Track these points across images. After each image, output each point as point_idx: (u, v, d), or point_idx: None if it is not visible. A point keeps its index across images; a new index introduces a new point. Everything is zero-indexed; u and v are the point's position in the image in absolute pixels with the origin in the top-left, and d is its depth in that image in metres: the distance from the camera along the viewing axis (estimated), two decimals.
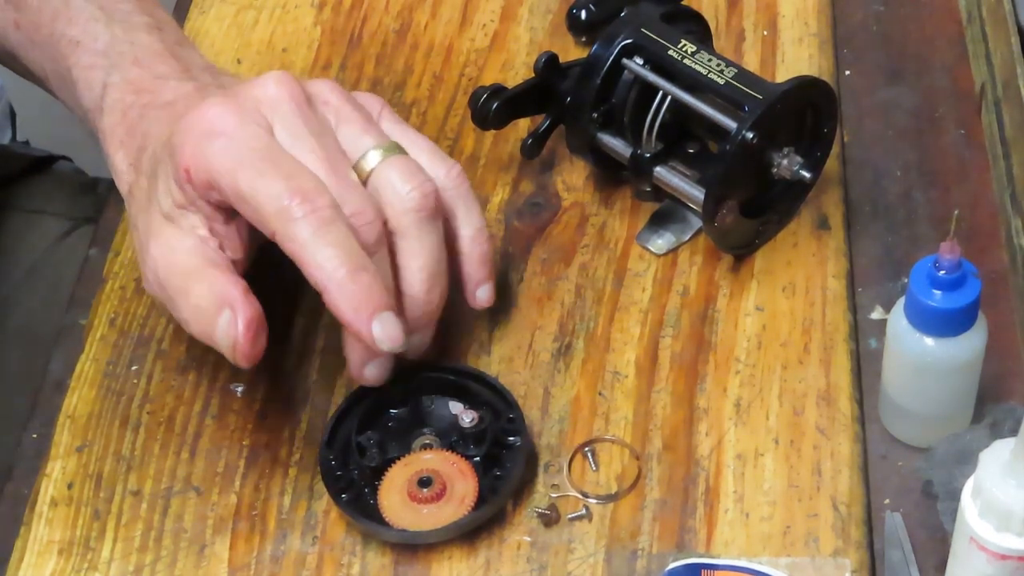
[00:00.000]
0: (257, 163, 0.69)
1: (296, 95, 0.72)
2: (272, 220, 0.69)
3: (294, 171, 0.69)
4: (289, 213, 0.68)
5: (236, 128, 0.70)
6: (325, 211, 0.68)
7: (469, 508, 0.71)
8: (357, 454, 0.73)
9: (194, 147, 0.70)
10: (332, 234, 0.68)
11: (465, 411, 0.74)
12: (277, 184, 0.69)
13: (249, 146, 0.70)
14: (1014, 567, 0.62)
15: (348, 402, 0.76)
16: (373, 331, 0.68)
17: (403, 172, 0.72)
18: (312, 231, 0.68)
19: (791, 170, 0.80)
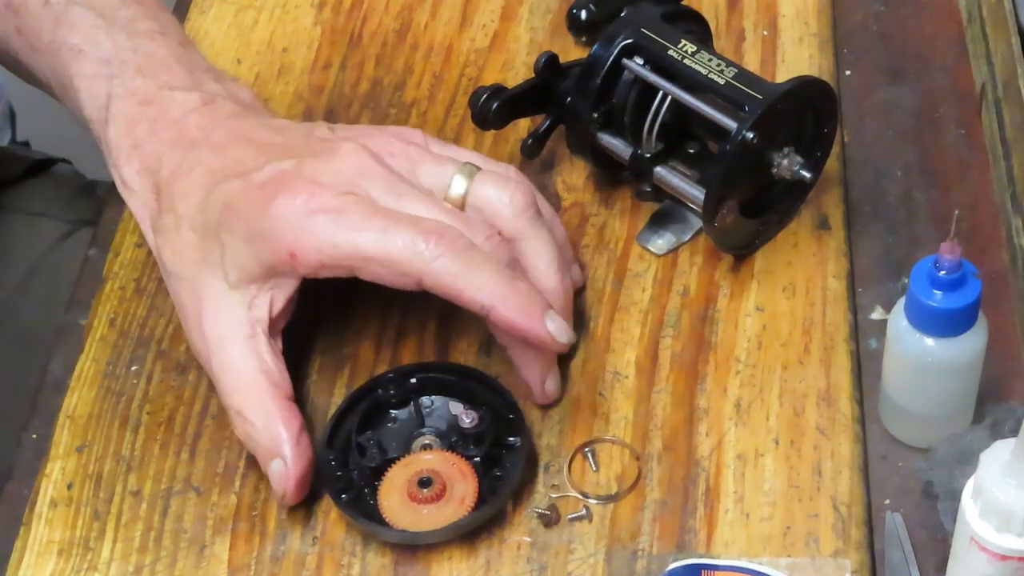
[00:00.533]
0: (373, 224, 0.70)
1: (375, 158, 0.73)
2: (414, 267, 0.70)
3: (412, 219, 0.71)
4: (430, 254, 0.69)
5: (334, 201, 0.71)
6: (460, 241, 0.70)
7: (469, 508, 0.71)
8: (357, 454, 0.73)
9: (297, 231, 0.70)
10: (476, 258, 0.70)
11: (465, 411, 0.74)
12: (405, 234, 0.70)
13: (356, 212, 0.71)
14: (1014, 567, 0.62)
15: (348, 402, 0.76)
16: (549, 328, 0.70)
17: (495, 183, 0.75)
18: (459, 262, 0.70)
19: (791, 170, 0.80)
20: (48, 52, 0.81)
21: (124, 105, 0.77)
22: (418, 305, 0.82)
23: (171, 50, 0.80)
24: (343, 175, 0.72)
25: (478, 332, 0.81)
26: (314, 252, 0.70)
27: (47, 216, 1.03)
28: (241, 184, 0.72)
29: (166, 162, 0.75)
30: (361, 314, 0.82)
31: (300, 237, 0.70)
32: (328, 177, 0.72)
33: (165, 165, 0.75)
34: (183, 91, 0.77)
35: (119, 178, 0.77)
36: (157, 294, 0.84)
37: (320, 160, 0.73)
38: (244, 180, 0.72)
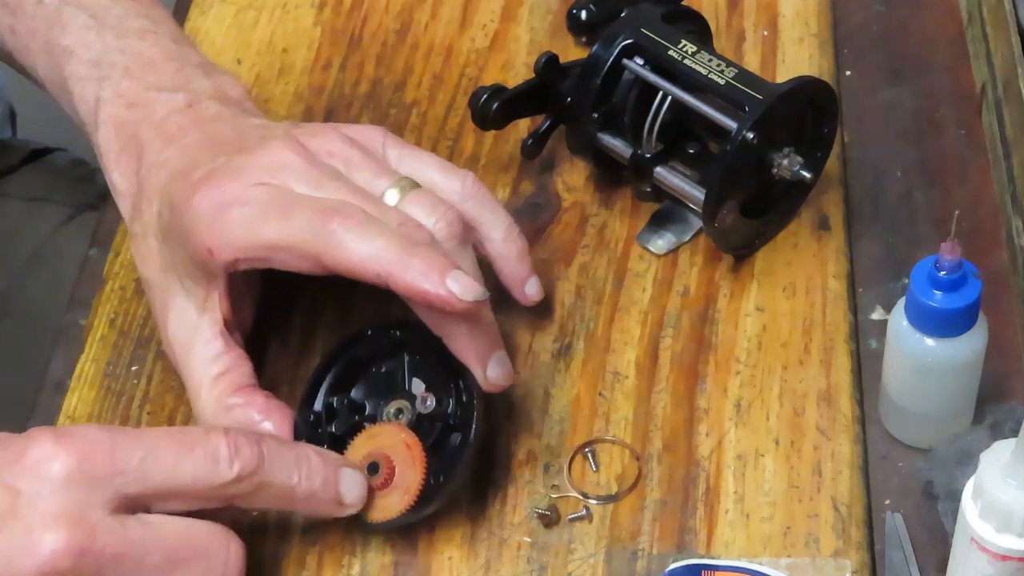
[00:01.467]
0: (277, 211, 0.69)
1: (301, 153, 0.72)
2: (311, 247, 0.68)
3: (315, 200, 0.70)
4: (327, 232, 0.68)
5: (244, 191, 0.70)
6: (359, 215, 0.69)
7: (411, 501, 0.69)
8: (325, 418, 0.73)
9: (208, 226, 0.70)
10: (375, 228, 0.68)
11: (425, 393, 0.72)
12: (303, 216, 0.69)
13: (263, 201, 0.70)
14: (1015, 568, 0.62)
15: (327, 360, 0.75)
16: (450, 287, 0.68)
17: (424, 206, 0.72)
18: (354, 233, 0.68)
19: (791, 170, 0.80)
20: (43, 52, 0.81)
21: (112, 109, 0.77)
22: None
23: (161, 48, 0.79)
24: (263, 167, 0.71)
25: None
26: (226, 246, 0.70)
27: (49, 201, 1.04)
28: (181, 184, 0.72)
29: (143, 163, 0.75)
30: (361, 314, 0.82)
31: (212, 231, 0.70)
32: (247, 171, 0.71)
33: (142, 166, 0.75)
34: (169, 92, 0.77)
35: (110, 182, 0.78)
36: None
37: (247, 155, 0.72)
38: (184, 179, 0.72)
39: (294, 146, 0.72)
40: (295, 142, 0.73)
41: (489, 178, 0.89)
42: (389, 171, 0.74)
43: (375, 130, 0.77)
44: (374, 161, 0.74)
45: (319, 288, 0.84)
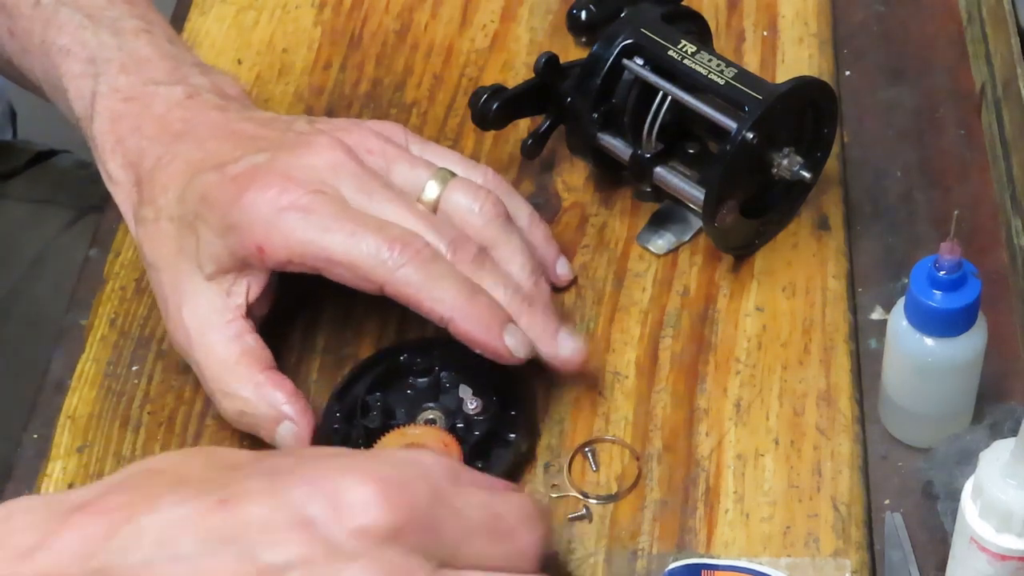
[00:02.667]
0: (341, 226, 0.70)
1: (349, 153, 0.73)
2: (377, 274, 0.70)
3: (380, 224, 0.71)
4: (394, 263, 0.70)
5: (305, 199, 0.71)
6: (426, 251, 0.71)
7: None
8: (360, 412, 0.74)
9: (266, 226, 0.71)
10: (440, 269, 0.71)
11: (472, 397, 0.75)
12: (370, 240, 0.70)
13: (325, 212, 0.71)
14: (1014, 567, 0.62)
15: (368, 361, 0.77)
16: (507, 343, 0.71)
17: (466, 192, 0.75)
18: (422, 273, 0.70)
19: (791, 170, 0.80)
20: (39, 53, 0.81)
21: (108, 102, 0.78)
22: None
23: (156, 47, 0.80)
24: (316, 170, 0.72)
25: None
26: (282, 248, 0.71)
27: (53, 203, 1.04)
28: (216, 176, 0.73)
29: (148, 155, 0.76)
30: (361, 314, 0.82)
31: (269, 233, 0.71)
32: (301, 172, 0.72)
33: (147, 158, 0.76)
34: (167, 86, 0.78)
35: (105, 173, 0.78)
36: None
37: (294, 154, 0.73)
38: (219, 172, 0.73)
39: (340, 145, 0.73)
40: (339, 141, 0.74)
41: None
42: (424, 163, 0.76)
43: (395, 126, 0.79)
44: (409, 155, 0.76)
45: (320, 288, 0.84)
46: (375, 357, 0.78)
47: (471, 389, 0.76)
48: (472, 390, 0.75)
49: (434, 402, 0.76)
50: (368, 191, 0.73)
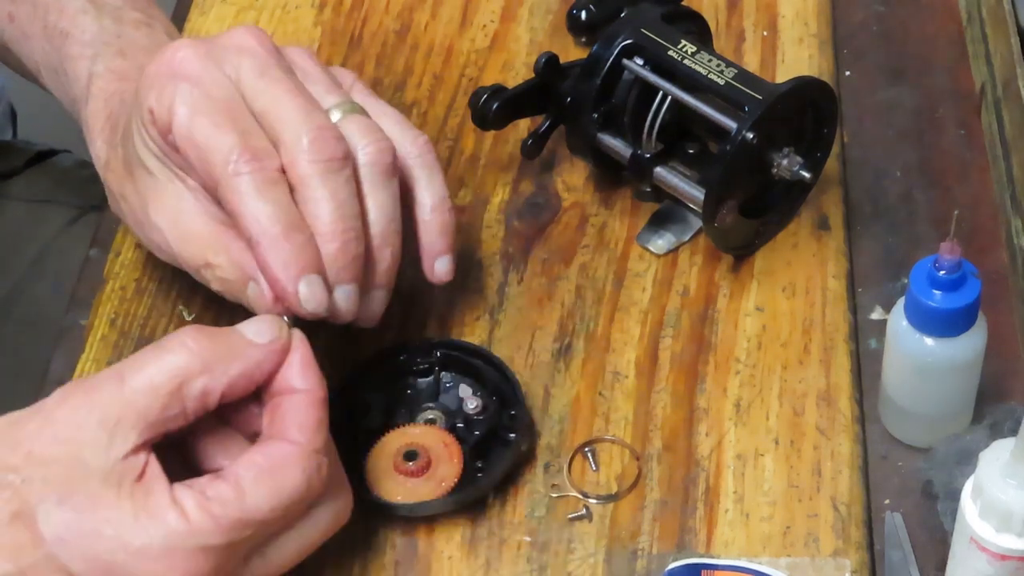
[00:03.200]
0: (216, 113, 0.70)
1: (268, 45, 0.73)
2: (217, 170, 0.69)
3: (250, 129, 0.70)
4: (236, 167, 0.68)
5: (201, 73, 0.71)
6: (271, 172, 0.69)
7: (446, 491, 0.72)
8: (360, 412, 0.74)
9: (160, 89, 0.70)
10: (274, 193, 0.69)
11: (472, 396, 0.75)
12: (231, 138, 0.69)
13: (212, 94, 0.70)
14: (1014, 567, 0.62)
15: (369, 361, 0.77)
16: (299, 290, 0.69)
17: (361, 128, 0.72)
18: (255, 186, 0.68)
19: (791, 170, 0.80)
20: (39, 37, 0.82)
21: (103, 83, 0.78)
22: (419, 306, 0.82)
23: (155, 39, 0.81)
24: (223, 48, 0.72)
25: (479, 331, 0.81)
26: (165, 112, 0.70)
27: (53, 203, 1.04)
28: None
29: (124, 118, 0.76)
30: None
31: (160, 95, 0.70)
32: (206, 47, 0.72)
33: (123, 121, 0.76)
34: None
35: (93, 152, 0.78)
36: (158, 294, 0.84)
37: (216, 36, 0.73)
38: None
39: (263, 38, 0.73)
40: (266, 35, 0.73)
41: (489, 178, 0.89)
42: (343, 94, 0.74)
43: (348, 72, 0.78)
44: (330, 82, 0.75)
45: None
46: (375, 357, 0.78)
47: (471, 389, 0.76)
48: (472, 390, 0.76)
49: (434, 402, 0.76)
50: (268, 78, 0.71)
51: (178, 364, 0.64)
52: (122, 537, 0.62)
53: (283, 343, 0.67)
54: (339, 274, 0.70)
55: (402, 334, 0.81)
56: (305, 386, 0.67)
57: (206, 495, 0.63)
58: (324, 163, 0.69)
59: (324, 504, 0.67)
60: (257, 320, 0.68)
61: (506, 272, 0.84)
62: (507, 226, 0.86)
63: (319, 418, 0.67)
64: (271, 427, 0.67)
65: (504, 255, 0.85)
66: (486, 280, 0.83)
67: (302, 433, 0.66)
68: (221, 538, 0.63)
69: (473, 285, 0.83)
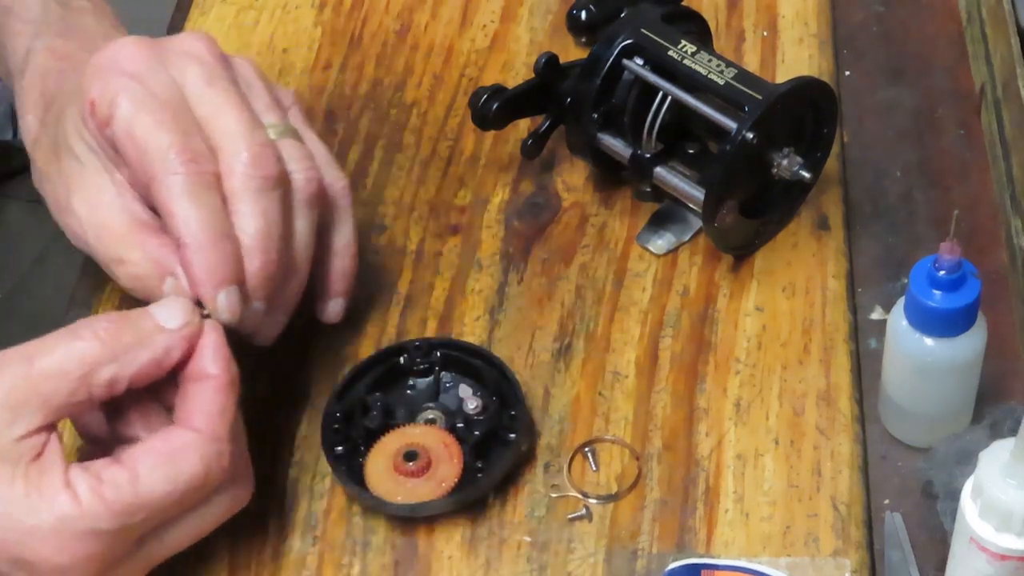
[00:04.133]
0: (158, 112, 0.70)
1: (216, 53, 0.73)
2: (155, 167, 0.69)
3: (191, 131, 0.70)
4: (174, 165, 0.68)
5: (147, 72, 0.71)
6: (207, 175, 0.69)
7: (446, 491, 0.71)
8: (360, 412, 0.74)
9: (104, 82, 0.70)
10: (207, 197, 0.69)
11: (472, 397, 0.75)
12: (171, 136, 0.69)
13: (156, 93, 0.70)
14: (1014, 567, 0.62)
15: (368, 361, 0.77)
16: (217, 298, 0.69)
17: (294, 153, 0.73)
18: (189, 188, 0.68)
19: (791, 170, 0.80)
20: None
21: (41, 59, 0.78)
22: (418, 306, 0.82)
23: (100, 28, 0.81)
24: (170, 51, 0.72)
25: (479, 332, 0.81)
26: (106, 106, 0.70)
27: None
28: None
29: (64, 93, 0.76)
30: (361, 314, 0.82)
31: (103, 88, 0.70)
32: (153, 48, 0.72)
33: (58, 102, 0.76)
34: None
35: (23, 127, 0.78)
36: None
37: (166, 38, 0.73)
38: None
39: (212, 45, 0.73)
40: (215, 44, 0.73)
41: (489, 178, 0.89)
42: (282, 115, 0.75)
43: (289, 93, 0.78)
44: (273, 101, 0.75)
45: None
46: (375, 357, 0.78)
47: (471, 389, 0.76)
48: (472, 390, 0.76)
49: (434, 402, 0.76)
50: (214, 88, 0.71)
51: (87, 352, 0.65)
52: (13, 515, 0.63)
53: (193, 329, 0.68)
54: (255, 290, 0.71)
55: (402, 334, 0.81)
56: (214, 371, 0.67)
57: (100, 478, 0.63)
58: (261, 179, 0.70)
59: (225, 489, 0.68)
60: (170, 303, 0.68)
61: (506, 272, 0.84)
62: (507, 226, 0.86)
63: (223, 405, 0.67)
64: (178, 413, 0.68)
65: (504, 255, 0.85)
66: (486, 280, 0.83)
67: (205, 421, 0.66)
68: (112, 522, 0.63)
69: (473, 285, 0.83)
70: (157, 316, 0.67)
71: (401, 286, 0.84)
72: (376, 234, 0.87)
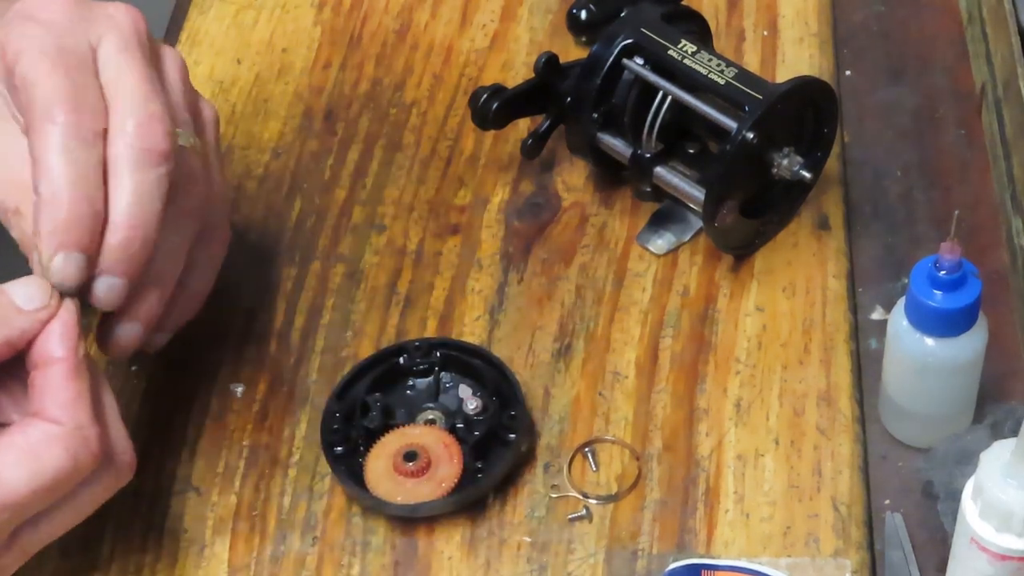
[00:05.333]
0: (58, 61, 0.67)
1: (140, 28, 0.70)
2: (35, 112, 0.66)
3: (87, 86, 0.67)
4: (51, 115, 0.65)
5: (63, 25, 0.68)
6: (87, 132, 0.66)
7: (446, 492, 0.72)
8: (360, 413, 0.74)
9: (19, 26, 0.68)
10: (81, 154, 0.65)
11: (472, 397, 0.75)
12: (61, 85, 0.66)
13: (64, 44, 0.68)
14: (1014, 568, 0.62)
15: (368, 361, 0.77)
16: (54, 260, 0.65)
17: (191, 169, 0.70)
18: (63, 140, 0.65)
19: (791, 170, 0.80)
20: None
21: None
22: (418, 306, 0.82)
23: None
24: (96, 12, 0.70)
25: (479, 332, 0.81)
26: (11, 52, 0.68)
27: None
28: None
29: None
30: (361, 314, 0.82)
31: (17, 33, 0.68)
32: (80, 5, 0.69)
33: None
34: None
35: None
36: None
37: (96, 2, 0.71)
38: None
39: (140, 21, 0.70)
40: (143, 21, 0.70)
41: (489, 178, 0.89)
42: (191, 122, 0.72)
43: (213, 109, 0.75)
44: (188, 104, 0.72)
45: (320, 291, 0.84)
46: (375, 357, 0.78)
47: (471, 389, 0.76)
48: (472, 390, 0.76)
49: (434, 402, 0.76)
50: (125, 54, 0.68)
51: None
52: None
53: (51, 311, 0.65)
54: (113, 265, 0.66)
55: (402, 334, 0.81)
56: (60, 353, 0.64)
57: None
58: (142, 151, 0.66)
59: (100, 473, 0.65)
60: (29, 282, 0.65)
61: (506, 272, 0.84)
62: (507, 226, 0.86)
63: (78, 391, 0.64)
64: (33, 402, 0.65)
65: (504, 255, 0.85)
66: (486, 280, 0.83)
67: (62, 411, 0.63)
68: None
69: (473, 285, 0.83)
70: (15, 296, 0.64)
71: (401, 286, 0.84)
72: (376, 234, 0.86)
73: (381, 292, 0.83)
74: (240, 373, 0.80)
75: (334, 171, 0.90)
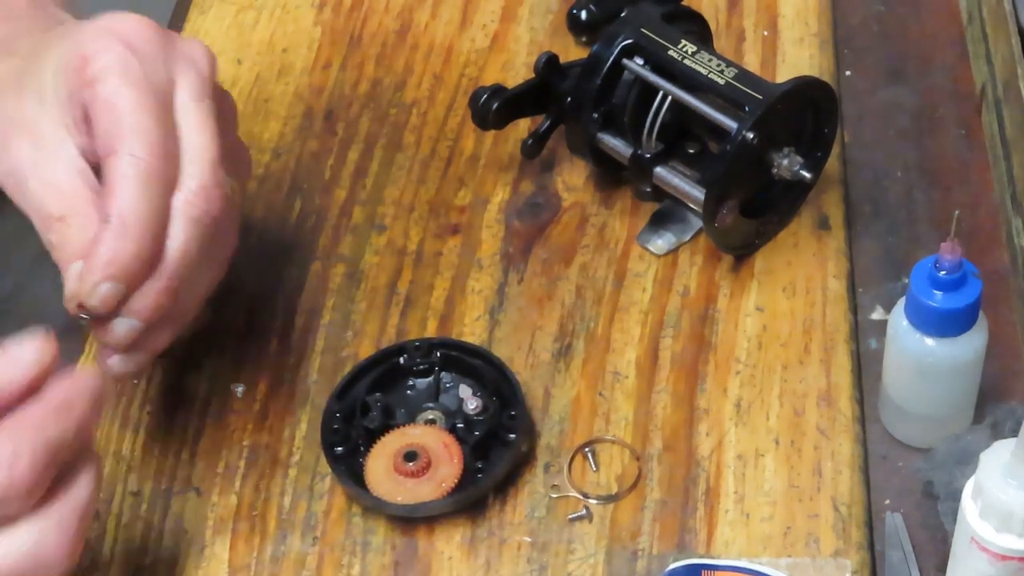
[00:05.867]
0: (146, 95, 0.68)
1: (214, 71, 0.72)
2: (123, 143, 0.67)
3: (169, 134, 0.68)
4: (142, 150, 0.67)
5: (148, 53, 0.69)
6: (165, 179, 0.68)
7: (446, 492, 0.72)
8: (360, 412, 0.74)
9: (104, 44, 0.69)
10: (155, 195, 0.67)
11: (472, 397, 0.75)
12: (151, 124, 0.67)
13: (146, 74, 0.69)
14: (1015, 568, 0.62)
15: (368, 361, 0.77)
16: (102, 286, 0.66)
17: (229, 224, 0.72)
18: (145, 178, 0.67)
19: (791, 170, 0.80)
20: None
21: None
22: (418, 306, 0.82)
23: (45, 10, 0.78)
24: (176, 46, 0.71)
25: (479, 332, 0.81)
26: (96, 67, 0.68)
27: None
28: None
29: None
30: (361, 314, 0.82)
31: (101, 50, 0.69)
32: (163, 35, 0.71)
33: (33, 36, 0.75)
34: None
35: None
36: None
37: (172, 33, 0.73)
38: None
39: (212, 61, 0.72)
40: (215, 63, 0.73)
41: (489, 178, 0.89)
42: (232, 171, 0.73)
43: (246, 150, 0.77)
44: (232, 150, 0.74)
45: (320, 291, 0.84)
46: (375, 357, 0.78)
47: (471, 389, 0.76)
48: (472, 390, 0.76)
49: (434, 402, 0.76)
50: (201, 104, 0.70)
51: None
52: None
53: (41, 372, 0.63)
54: (141, 310, 0.68)
55: (402, 334, 0.81)
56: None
57: None
58: (201, 212, 0.69)
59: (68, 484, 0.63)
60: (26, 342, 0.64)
61: (506, 272, 0.84)
62: (507, 226, 0.86)
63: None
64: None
65: (504, 255, 0.85)
66: (486, 280, 0.83)
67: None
68: None
69: (473, 285, 0.83)
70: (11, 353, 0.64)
71: (401, 286, 0.84)
72: (376, 234, 0.86)
73: (381, 292, 0.83)
74: (240, 373, 0.80)
75: (334, 171, 0.90)
